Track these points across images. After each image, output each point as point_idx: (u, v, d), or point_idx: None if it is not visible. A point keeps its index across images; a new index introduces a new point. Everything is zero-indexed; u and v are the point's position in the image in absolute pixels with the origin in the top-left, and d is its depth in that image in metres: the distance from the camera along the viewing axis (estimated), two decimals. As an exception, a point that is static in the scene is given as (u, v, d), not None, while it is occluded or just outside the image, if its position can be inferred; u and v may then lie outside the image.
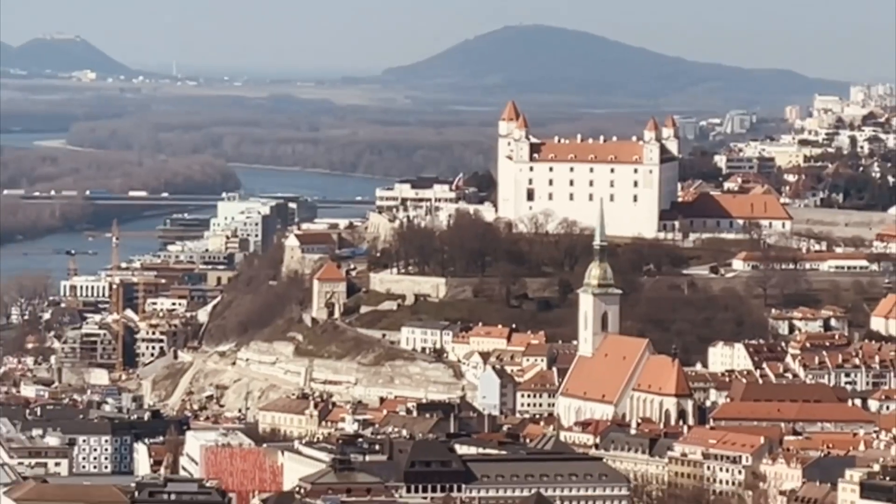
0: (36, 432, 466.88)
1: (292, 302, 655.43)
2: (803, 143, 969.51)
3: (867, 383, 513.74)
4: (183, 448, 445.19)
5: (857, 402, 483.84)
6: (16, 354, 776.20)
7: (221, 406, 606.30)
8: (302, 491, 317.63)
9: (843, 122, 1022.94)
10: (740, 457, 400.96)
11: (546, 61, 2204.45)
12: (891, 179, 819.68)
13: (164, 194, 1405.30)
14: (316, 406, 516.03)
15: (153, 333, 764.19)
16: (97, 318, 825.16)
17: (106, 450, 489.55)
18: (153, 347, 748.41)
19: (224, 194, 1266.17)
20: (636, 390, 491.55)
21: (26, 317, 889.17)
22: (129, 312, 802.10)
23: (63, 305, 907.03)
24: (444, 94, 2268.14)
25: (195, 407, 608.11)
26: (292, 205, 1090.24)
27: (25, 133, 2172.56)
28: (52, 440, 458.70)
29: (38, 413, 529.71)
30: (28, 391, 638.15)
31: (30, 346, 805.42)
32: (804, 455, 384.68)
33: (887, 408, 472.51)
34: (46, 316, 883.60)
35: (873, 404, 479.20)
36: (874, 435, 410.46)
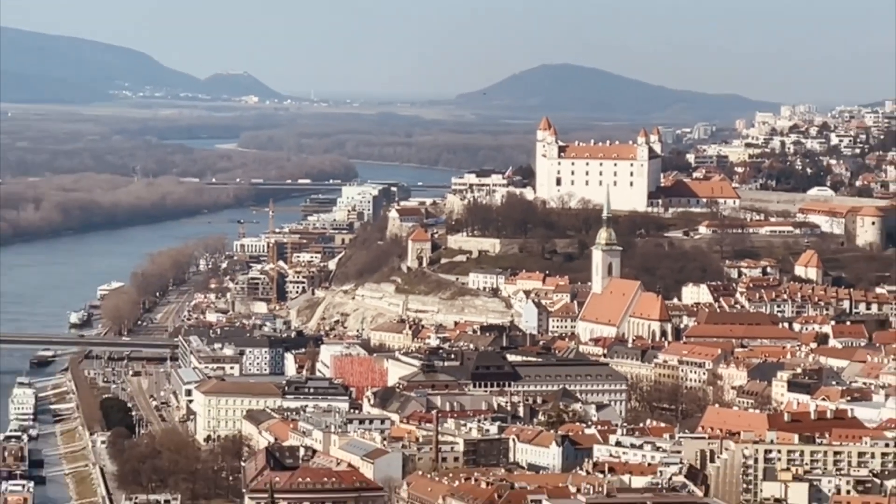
0: (216, 346, 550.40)
1: (393, 255, 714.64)
2: (748, 145, 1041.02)
3: (792, 312, 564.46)
4: (318, 357, 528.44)
5: (786, 325, 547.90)
6: (203, 292, 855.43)
7: (345, 328, 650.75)
8: (400, 386, 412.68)
9: (776, 131, 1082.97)
10: (704, 363, 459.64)
11: (570, 88, 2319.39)
12: (809, 171, 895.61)
13: (306, 181, 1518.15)
14: (410, 327, 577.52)
15: (298, 277, 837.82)
16: (259, 266, 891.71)
17: (265, 358, 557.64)
18: (298, 287, 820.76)
19: (346, 182, 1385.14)
20: (632, 317, 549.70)
21: (210, 266, 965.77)
22: (281, 263, 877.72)
23: (235, 258, 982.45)
24: (499, 112, 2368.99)
25: (327, 328, 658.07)
26: (394, 188, 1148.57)
27: (209, 139, 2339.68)
28: (228, 351, 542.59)
29: (218, 332, 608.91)
30: (211, 317, 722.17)
31: (212, 286, 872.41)
32: (749, 362, 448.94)
33: (806, 329, 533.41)
34: (224, 265, 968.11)
35: (797, 326, 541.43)
36: (797, 348, 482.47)
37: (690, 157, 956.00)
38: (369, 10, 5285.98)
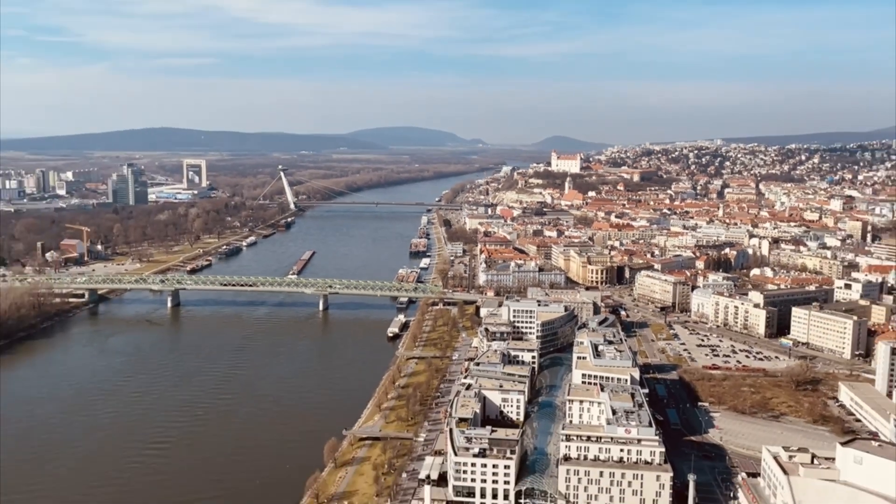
0: (472, 205, 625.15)
1: (516, 184, 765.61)
2: (606, 155, 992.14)
3: (622, 200, 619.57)
4: (497, 208, 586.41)
5: (618, 203, 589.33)
6: (466, 193, 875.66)
7: (503, 202, 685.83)
8: (518, 216, 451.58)
9: (614, 151, 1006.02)
10: (596, 212, 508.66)
11: (561, 141, 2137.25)
12: (620, 161, 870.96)
13: (491, 166, 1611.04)
14: (520, 203, 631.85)
15: (492, 190, 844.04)
16: (481, 186, 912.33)
17: (483, 210, 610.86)
18: (492, 191, 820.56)
19: (502, 165, 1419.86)
20: (574, 198, 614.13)
21: (469, 187, 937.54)
22: (490, 184, 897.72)
23: (475, 184, 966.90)
24: (542, 147, 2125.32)
25: (497, 202, 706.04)
26: (515, 167, 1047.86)
27: (470, 155, 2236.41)
28: (474, 205, 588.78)
29: (472, 202, 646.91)
30: (470, 199, 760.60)
31: (467, 191, 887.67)
32: (608, 209, 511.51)
33: (618, 202, 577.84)
34: (472, 187, 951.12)
35: (615, 202, 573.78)
36: (620, 204, 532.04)
37: (590, 160, 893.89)
38: (506, 118, 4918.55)
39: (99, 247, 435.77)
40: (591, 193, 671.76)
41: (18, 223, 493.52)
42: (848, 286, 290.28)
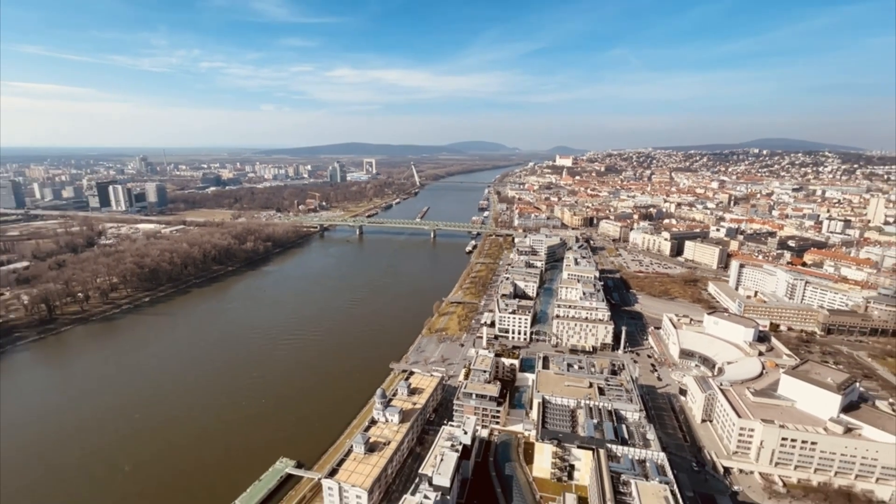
0: (515, 181, 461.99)
1: (538, 170, 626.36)
2: (586, 155, 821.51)
3: (597, 178, 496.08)
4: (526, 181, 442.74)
5: (592, 181, 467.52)
6: (508, 177, 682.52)
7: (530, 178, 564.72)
8: (543, 190, 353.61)
9: (592, 155, 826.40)
10: (577, 187, 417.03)
11: (563, 149, 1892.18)
12: (593, 157, 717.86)
13: (526, 162, 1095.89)
14: (540, 179, 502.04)
15: (510, 173, 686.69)
16: (519, 171, 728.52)
17: (521, 178, 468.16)
18: (522, 171, 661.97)
19: (528, 162, 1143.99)
20: (570, 180, 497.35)
21: (507, 173, 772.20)
22: (526, 170, 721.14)
23: (512, 168, 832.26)
24: (552, 150, 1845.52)
25: (531, 172, 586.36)
26: (536, 161, 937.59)
27: (509, 154, 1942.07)
28: (518, 181, 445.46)
29: (523, 180, 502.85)
30: (511, 181, 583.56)
31: (511, 176, 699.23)
32: (589, 183, 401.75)
33: (588, 175, 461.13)
34: (514, 171, 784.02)
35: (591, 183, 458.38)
36: (589, 181, 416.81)
37: (578, 159, 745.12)
38: (532, 134, 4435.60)
39: (323, 203, 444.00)
40: (577, 177, 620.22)
41: (285, 191, 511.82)
42: (718, 230, 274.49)
